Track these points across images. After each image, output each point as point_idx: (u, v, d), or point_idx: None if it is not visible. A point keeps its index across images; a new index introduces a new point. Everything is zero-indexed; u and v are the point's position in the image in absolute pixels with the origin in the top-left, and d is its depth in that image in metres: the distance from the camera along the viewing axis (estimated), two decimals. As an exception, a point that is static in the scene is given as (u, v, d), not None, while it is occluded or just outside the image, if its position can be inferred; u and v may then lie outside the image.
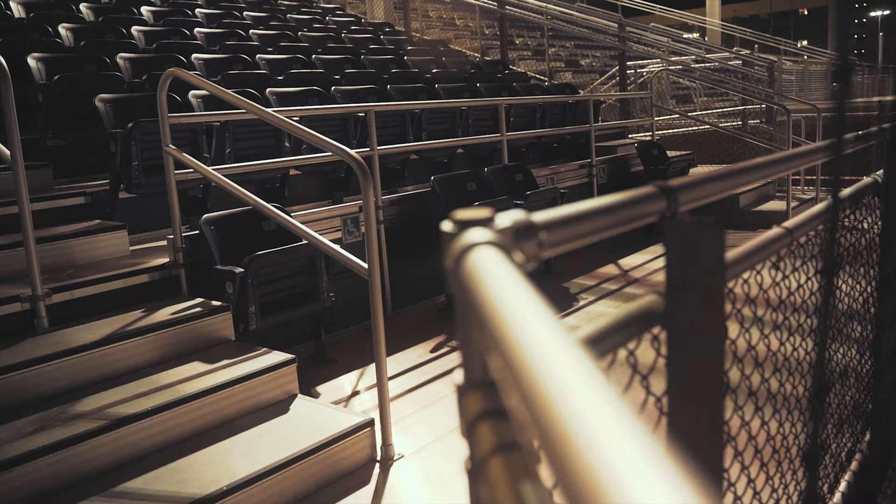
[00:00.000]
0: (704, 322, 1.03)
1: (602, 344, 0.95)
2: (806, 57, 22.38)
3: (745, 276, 1.51)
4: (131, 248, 4.10)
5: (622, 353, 1.12)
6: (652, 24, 17.06)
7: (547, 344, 0.49)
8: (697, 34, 28.23)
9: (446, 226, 0.71)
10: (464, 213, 0.72)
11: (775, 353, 1.72)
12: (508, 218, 0.75)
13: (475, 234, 0.67)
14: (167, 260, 3.80)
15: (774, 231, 1.58)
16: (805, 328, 1.94)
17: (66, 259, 3.81)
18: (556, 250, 0.85)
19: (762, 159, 1.50)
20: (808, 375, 1.98)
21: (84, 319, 3.36)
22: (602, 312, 4.89)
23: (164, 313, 3.44)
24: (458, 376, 0.76)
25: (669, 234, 1.03)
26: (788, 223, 1.66)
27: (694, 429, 1.13)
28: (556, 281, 5.77)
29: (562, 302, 5.17)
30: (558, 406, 0.40)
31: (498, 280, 0.58)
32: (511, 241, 0.73)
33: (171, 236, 3.77)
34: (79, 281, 3.49)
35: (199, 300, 3.62)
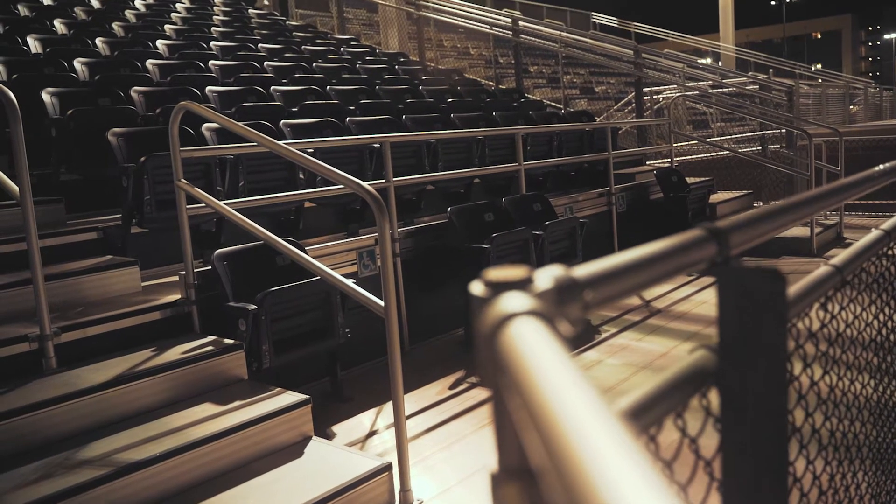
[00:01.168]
0: (764, 382, 0.91)
1: (650, 412, 0.84)
2: (820, 80, 22.30)
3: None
4: (143, 283, 4.02)
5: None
6: (666, 49, 17.04)
7: (606, 448, 0.40)
8: (710, 59, 28.20)
9: (477, 288, 0.61)
10: (497, 274, 0.61)
11: (825, 399, 1.59)
12: (548, 277, 0.64)
13: (513, 302, 0.56)
14: (179, 297, 3.71)
15: (823, 270, 1.46)
16: (855, 367, 1.82)
17: (77, 296, 3.74)
18: (600, 308, 0.74)
19: (829, 187, 1.38)
20: (858, 419, 1.84)
21: (93, 359, 3.27)
22: (625, 345, 4.75)
23: (176, 352, 3.35)
24: (493, 462, 0.65)
25: (723, 283, 0.92)
26: (837, 261, 1.54)
27: (751, 497, 1.01)
28: (576, 312, 5.63)
29: (584, 334, 5.04)
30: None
31: (546, 367, 0.47)
32: (553, 305, 0.62)
33: (183, 272, 3.69)
34: (88, 319, 3.41)
35: (211, 338, 3.53)
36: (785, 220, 1.15)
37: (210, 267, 3.77)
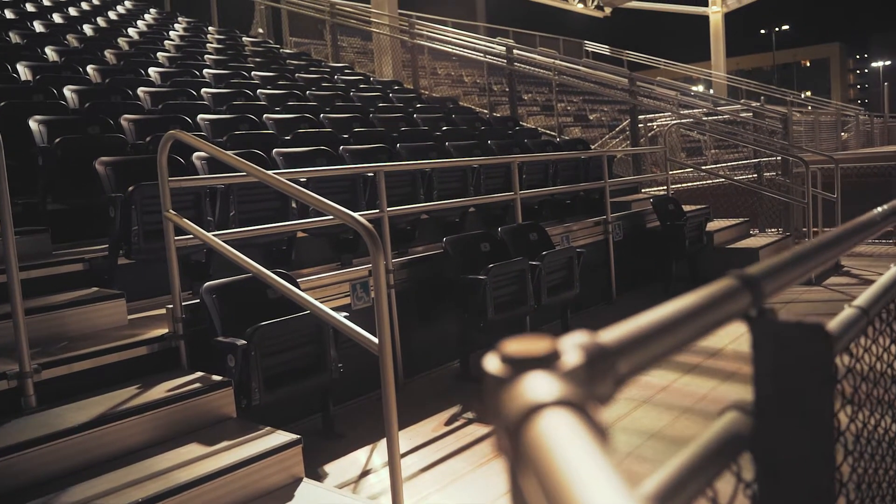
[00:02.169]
0: (806, 449, 0.81)
1: (681, 494, 0.73)
2: (810, 108, 22.42)
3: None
4: (130, 317, 3.90)
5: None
6: (658, 77, 17.13)
7: None
8: (702, 87, 28.43)
9: (493, 365, 0.51)
10: (517, 348, 0.51)
11: (851, 451, 1.48)
12: (575, 347, 0.55)
13: (539, 387, 0.46)
14: (166, 331, 3.59)
15: (849, 313, 1.36)
16: (877, 412, 1.71)
17: (60, 330, 3.62)
18: (631, 380, 0.64)
19: (858, 222, 1.29)
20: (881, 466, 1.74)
21: (75, 397, 3.15)
22: (625, 378, 4.63)
23: (161, 389, 3.23)
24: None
25: (758, 338, 0.82)
26: (861, 302, 1.44)
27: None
28: (574, 343, 5.52)
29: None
30: None
31: (586, 480, 0.37)
32: (585, 384, 0.52)
33: (171, 306, 3.57)
34: (71, 355, 3.29)
35: (199, 374, 3.41)
36: (816, 261, 1.06)
37: (199, 300, 3.66)
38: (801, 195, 8.53)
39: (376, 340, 2.76)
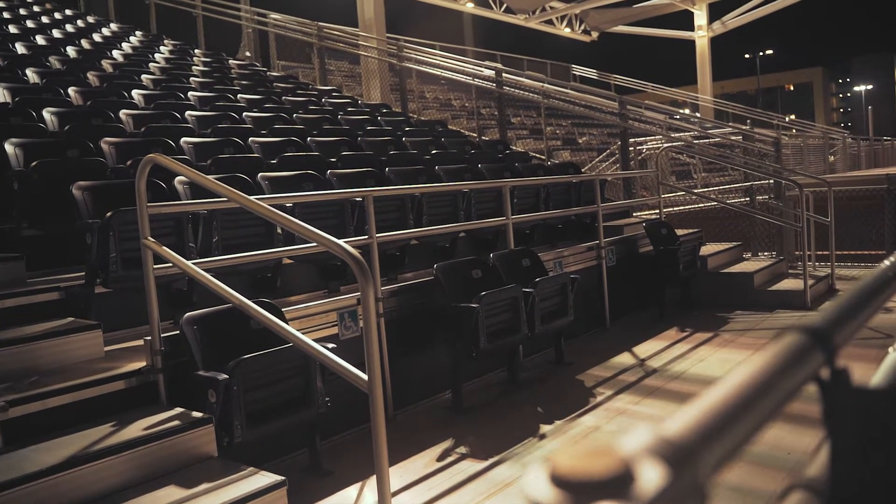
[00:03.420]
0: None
1: None
2: (794, 130, 22.55)
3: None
4: (107, 348, 3.73)
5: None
6: (646, 101, 17.15)
7: None
8: (688, 110, 28.59)
9: (540, 491, 0.36)
10: (572, 466, 0.36)
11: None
12: (648, 456, 0.40)
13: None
14: (144, 364, 3.42)
15: (894, 357, 1.22)
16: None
17: (32, 364, 3.43)
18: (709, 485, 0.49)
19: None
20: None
21: (46, 436, 2.97)
22: (623, 409, 4.48)
23: (138, 427, 3.05)
24: None
25: (834, 406, 0.68)
26: (904, 344, 1.30)
27: None
28: (569, 372, 5.37)
29: (578, 397, 4.76)
30: None
31: None
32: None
33: (149, 337, 3.40)
34: (42, 391, 3.11)
35: (178, 411, 3.23)
36: (883, 297, 0.92)
37: (179, 331, 3.49)
38: (794, 218, 8.46)
39: (365, 377, 2.60)
